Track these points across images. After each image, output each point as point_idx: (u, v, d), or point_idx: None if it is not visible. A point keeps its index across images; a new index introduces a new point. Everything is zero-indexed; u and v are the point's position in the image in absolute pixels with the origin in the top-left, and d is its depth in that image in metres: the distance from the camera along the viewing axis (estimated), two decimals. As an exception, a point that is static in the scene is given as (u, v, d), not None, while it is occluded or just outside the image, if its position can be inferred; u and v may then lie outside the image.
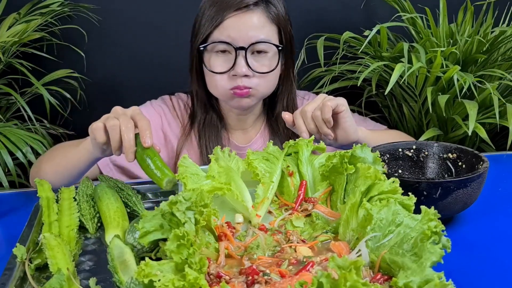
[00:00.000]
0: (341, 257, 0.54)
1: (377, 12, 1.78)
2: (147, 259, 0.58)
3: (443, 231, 0.58)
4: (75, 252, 0.79)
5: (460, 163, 0.94)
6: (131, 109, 0.92)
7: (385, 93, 1.32)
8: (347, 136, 1.04)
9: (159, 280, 0.56)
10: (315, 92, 1.52)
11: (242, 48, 1.10)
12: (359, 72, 1.54)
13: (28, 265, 0.75)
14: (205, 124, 1.24)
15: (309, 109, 1.01)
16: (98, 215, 0.90)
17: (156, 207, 0.67)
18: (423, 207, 0.63)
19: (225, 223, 0.77)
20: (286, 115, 1.04)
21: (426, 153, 0.98)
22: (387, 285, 0.60)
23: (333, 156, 0.82)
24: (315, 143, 0.91)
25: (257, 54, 1.13)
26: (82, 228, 0.88)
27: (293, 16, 1.21)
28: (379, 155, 0.81)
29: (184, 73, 1.25)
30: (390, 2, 1.57)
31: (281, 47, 1.15)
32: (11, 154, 1.40)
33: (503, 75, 1.35)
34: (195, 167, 0.85)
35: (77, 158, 1.02)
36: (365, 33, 1.37)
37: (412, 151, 0.99)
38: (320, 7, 1.78)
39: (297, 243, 0.72)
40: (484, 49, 1.42)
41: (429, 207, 0.62)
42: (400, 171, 0.98)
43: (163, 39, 1.76)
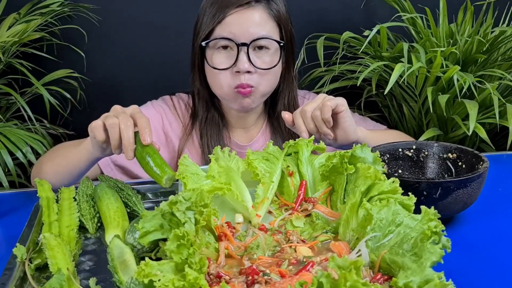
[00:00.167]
0: (341, 257, 0.54)
1: (377, 12, 1.78)
2: (147, 259, 0.58)
3: (443, 231, 0.58)
4: (75, 252, 0.79)
5: (460, 163, 0.94)
6: (131, 107, 0.92)
7: (384, 93, 1.32)
8: (346, 136, 1.04)
9: (159, 280, 0.56)
10: (315, 91, 1.52)
11: (244, 44, 1.11)
12: (359, 72, 1.53)
13: (28, 265, 0.75)
14: (206, 122, 1.24)
15: (308, 109, 1.01)
16: (98, 215, 0.90)
17: (156, 207, 0.67)
18: (423, 207, 0.63)
19: (225, 223, 0.77)
20: (286, 114, 1.04)
21: (426, 153, 0.98)
22: (387, 285, 0.60)
23: (333, 156, 0.82)
24: (315, 143, 0.91)
25: (258, 51, 1.14)
26: (82, 228, 0.88)
27: (293, 16, 1.22)
28: (379, 155, 0.81)
29: (184, 73, 1.25)
30: (390, 2, 1.57)
31: (282, 43, 1.15)
32: (11, 154, 1.40)
33: (503, 75, 1.35)
34: (195, 166, 0.85)
35: (77, 158, 1.02)
36: (365, 33, 1.37)
37: (412, 151, 0.99)
38: (320, 7, 1.78)
39: (297, 243, 0.72)
40: (484, 49, 1.42)
41: (429, 207, 0.62)
42: (400, 171, 0.98)
43: (163, 39, 1.76)
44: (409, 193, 0.69)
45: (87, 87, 1.75)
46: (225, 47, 1.13)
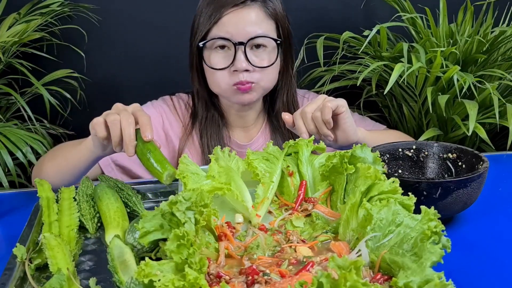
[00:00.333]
0: (341, 257, 0.54)
1: (377, 12, 1.78)
2: (147, 259, 0.58)
3: (443, 231, 0.58)
4: (75, 252, 0.79)
5: (460, 163, 0.94)
6: (132, 105, 0.93)
7: (384, 93, 1.32)
8: (346, 137, 1.04)
9: (159, 280, 0.56)
10: (315, 91, 1.52)
11: (241, 43, 1.11)
12: (359, 72, 1.53)
13: (28, 265, 0.75)
14: (206, 122, 1.25)
15: (309, 110, 1.01)
16: (98, 215, 0.90)
17: (156, 207, 0.67)
18: (423, 207, 0.63)
19: (225, 223, 0.77)
20: (286, 116, 1.05)
21: (426, 153, 0.98)
22: (387, 285, 0.60)
23: (333, 156, 0.82)
24: (315, 143, 0.91)
25: (256, 49, 1.14)
26: (82, 228, 0.88)
27: (293, 16, 1.22)
28: (379, 155, 0.81)
29: (184, 73, 1.25)
30: (390, 2, 1.57)
31: (279, 41, 1.16)
32: (11, 154, 1.40)
33: (503, 75, 1.35)
34: (195, 166, 0.85)
35: (78, 157, 1.02)
36: (365, 33, 1.37)
37: (412, 151, 0.99)
38: (320, 7, 1.78)
39: (297, 243, 0.72)
40: (484, 49, 1.42)
41: (429, 207, 0.62)
42: (400, 171, 0.98)
43: (163, 39, 1.76)
44: (409, 193, 0.69)
45: (87, 87, 1.75)
46: (222, 47, 1.14)
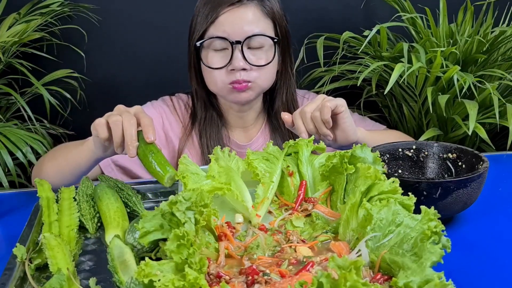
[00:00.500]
0: (341, 257, 0.54)
1: (377, 12, 1.78)
2: (147, 259, 0.58)
3: (443, 231, 0.58)
4: (75, 252, 0.79)
5: (460, 163, 0.94)
6: (134, 107, 0.93)
7: (384, 93, 1.32)
8: (346, 137, 1.04)
9: (159, 280, 0.56)
10: (315, 91, 1.52)
11: (238, 42, 1.11)
12: (359, 72, 1.53)
13: (28, 265, 0.75)
14: (205, 122, 1.25)
15: (308, 109, 1.01)
16: (98, 215, 0.89)
17: (156, 207, 0.67)
18: (423, 207, 0.63)
19: (225, 223, 0.77)
20: (285, 115, 1.05)
21: (426, 153, 0.98)
22: (387, 285, 0.60)
23: (333, 156, 0.82)
24: (314, 143, 0.91)
25: (253, 48, 1.14)
26: (82, 228, 0.88)
27: (293, 16, 1.22)
28: (379, 155, 0.81)
29: (184, 73, 1.25)
30: (390, 2, 1.57)
31: (276, 39, 1.16)
32: (11, 154, 1.40)
33: (503, 75, 1.35)
34: (195, 166, 0.85)
35: (79, 158, 1.02)
36: (365, 33, 1.37)
37: (412, 151, 0.99)
38: (320, 7, 1.78)
39: (297, 243, 0.72)
40: (484, 49, 1.42)
41: (429, 207, 0.62)
42: (400, 171, 0.98)
43: (163, 39, 1.76)
44: (409, 193, 0.69)
45: (87, 87, 1.75)
46: (219, 46, 1.13)
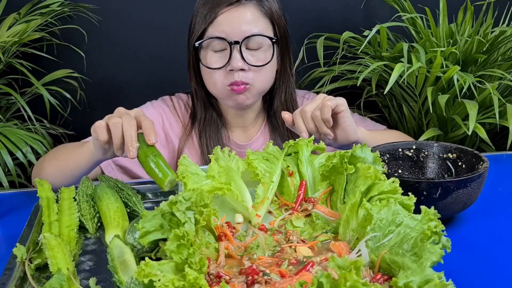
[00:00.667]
0: (341, 257, 0.54)
1: (377, 12, 1.78)
2: (147, 259, 0.58)
3: (443, 231, 0.58)
4: (75, 252, 0.79)
5: (460, 163, 0.94)
6: (135, 110, 0.93)
7: (384, 93, 1.32)
8: (346, 136, 1.04)
9: (159, 280, 0.56)
10: (315, 91, 1.52)
11: (236, 42, 1.11)
12: (359, 72, 1.53)
13: (28, 265, 0.75)
14: (205, 122, 1.25)
15: (308, 109, 1.01)
16: (98, 215, 0.89)
17: (156, 207, 0.67)
18: (423, 207, 0.63)
19: (225, 223, 0.77)
20: (285, 115, 1.05)
21: (426, 153, 0.98)
22: (387, 285, 0.60)
23: (333, 156, 0.82)
24: (315, 143, 0.91)
25: (251, 49, 1.14)
26: (82, 228, 0.88)
27: (293, 16, 1.22)
28: (379, 155, 0.81)
29: (184, 73, 1.25)
30: (390, 2, 1.57)
31: (275, 39, 1.15)
32: (11, 154, 1.40)
33: (503, 75, 1.35)
34: (195, 166, 0.85)
35: (79, 159, 1.02)
36: (365, 33, 1.37)
37: (412, 151, 0.99)
38: (320, 7, 1.78)
39: (297, 243, 0.72)
40: (484, 49, 1.42)
41: (429, 207, 0.62)
42: (400, 171, 0.98)
43: (163, 39, 1.76)
44: (409, 193, 0.69)
45: (87, 87, 1.75)
46: (218, 47, 1.13)
